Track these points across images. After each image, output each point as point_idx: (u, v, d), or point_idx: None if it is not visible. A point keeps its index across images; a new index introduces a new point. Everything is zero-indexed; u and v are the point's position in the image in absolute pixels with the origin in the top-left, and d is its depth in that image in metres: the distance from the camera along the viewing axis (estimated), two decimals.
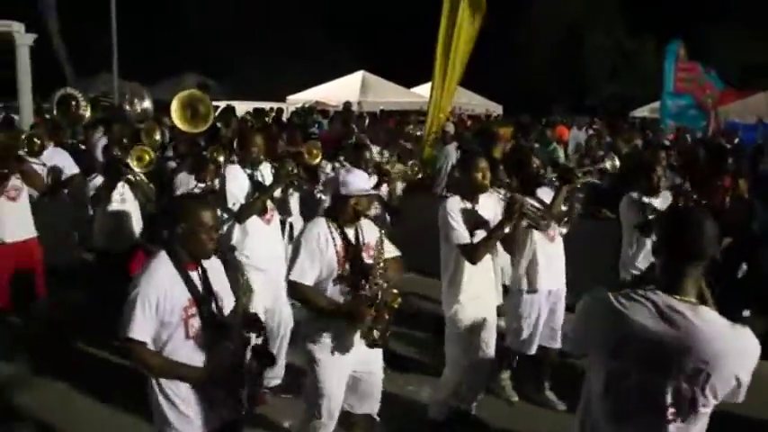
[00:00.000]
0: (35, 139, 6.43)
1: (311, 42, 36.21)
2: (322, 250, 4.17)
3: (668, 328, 2.47)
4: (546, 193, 5.70)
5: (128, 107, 8.20)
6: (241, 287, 3.67)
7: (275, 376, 5.85)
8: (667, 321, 2.48)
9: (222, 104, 15.08)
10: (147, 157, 6.61)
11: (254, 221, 5.69)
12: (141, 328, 3.33)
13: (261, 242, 5.61)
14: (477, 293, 5.10)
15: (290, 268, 4.25)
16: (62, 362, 6.42)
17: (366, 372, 4.36)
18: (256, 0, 37.27)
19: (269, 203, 5.83)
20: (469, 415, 5.40)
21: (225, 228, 5.64)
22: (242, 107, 16.83)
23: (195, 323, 3.43)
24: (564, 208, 5.71)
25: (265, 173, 5.91)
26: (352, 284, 4.16)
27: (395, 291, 4.10)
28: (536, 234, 5.52)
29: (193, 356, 3.44)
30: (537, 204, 5.42)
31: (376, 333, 4.06)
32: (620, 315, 2.55)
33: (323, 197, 6.84)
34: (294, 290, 4.30)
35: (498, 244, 5.17)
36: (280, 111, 18.11)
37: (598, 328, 2.67)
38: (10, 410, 5.48)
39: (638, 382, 2.51)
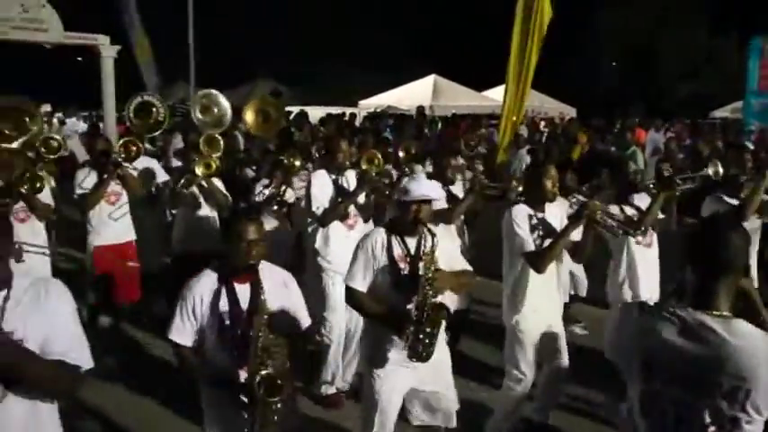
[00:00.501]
0: (131, 146, 6.68)
1: (383, 47, 36.41)
2: (377, 257, 4.14)
3: (698, 345, 2.36)
4: (642, 200, 5.56)
5: (199, 115, 8.36)
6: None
7: (333, 379, 5.87)
8: (697, 339, 2.37)
9: (295, 110, 15.31)
10: (213, 165, 6.74)
11: (336, 226, 5.77)
12: (180, 331, 3.53)
13: (343, 247, 5.59)
14: (540, 303, 4.97)
15: (347, 273, 4.26)
16: (141, 364, 6.63)
17: (433, 389, 4.29)
18: (329, 6, 37.71)
19: (352, 209, 5.87)
20: (547, 426, 5.29)
21: (309, 231, 5.74)
22: (315, 112, 17.04)
23: (233, 333, 3.52)
24: (661, 216, 5.55)
25: (350, 178, 5.96)
26: (405, 294, 4.09)
27: (440, 303, 3.97)
28: (632, 241, 5.38)
29: (228, 364, 3.54)
30: (615, 211, 5.28)
31: (418, 346, 3.97)
32: (648, 334, 2.46)
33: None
34: (348, 294, 4.30)
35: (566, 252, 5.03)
36: (352, 116, 18.23)
37: (627, 347, 2.59)
38: (88, 408, 5.66)
39: (672, 402, 2.41)
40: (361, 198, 5.99)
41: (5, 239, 2.59)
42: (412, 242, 4.17)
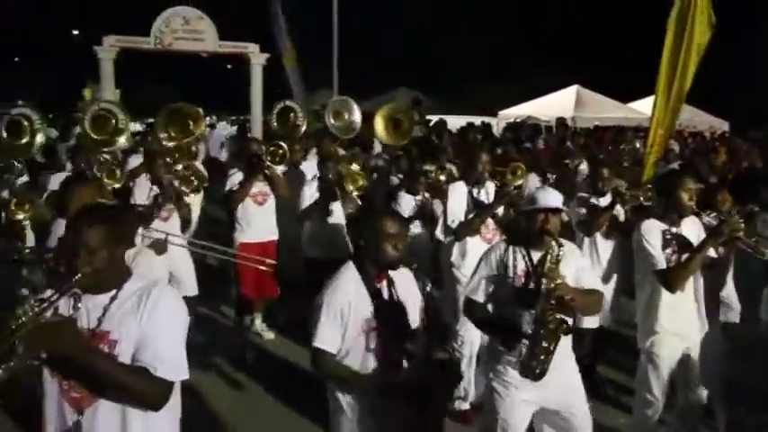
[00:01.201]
0: (278, 149, 6.92)
1: (525, 55, 35.89)
2: (499, 270, 4.02)
3: None
4: None
5: (332, 120, 8.50)
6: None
7: (466, 395, 5.77)
8: None
9: (435, 118, 15.33)
10: (360, 182, 6.84)
11: (473, 240, 5.67)
12: (326, 338, 3.38)
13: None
14: (675, 325, 4.62)
15: (467, 285, 4.17)
16: (267, 367, 6.80)
17: (563, 413, 4.05)
18: (470, 14, 37.63)
19: (490, 222, 5.77)
20: None
21: (446, 243, 5.70)
22: (454, 121, 16.98)
23: (376, 335, 3.40)
24: None
25: (489, 191, 5.86)
26: (525, 309, 3.92)
27: (560, 318, 3.74)
28: None
29: (371, 368, 3.41)
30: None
31: (532, 362, 3.77)
32: (732, 356, 2.29)
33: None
34: (468, 307, 4.19)
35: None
36: (488, 126, 17.89)
37: (712, 370, 2.43)
38: (205, 408, 5.82)
39: (759, 430, 2.22)
40: (500, 210, 5.87)
41: (105, 246, 2.56)
42: (537, 255, 4.01)
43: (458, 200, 5.72)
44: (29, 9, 35.30)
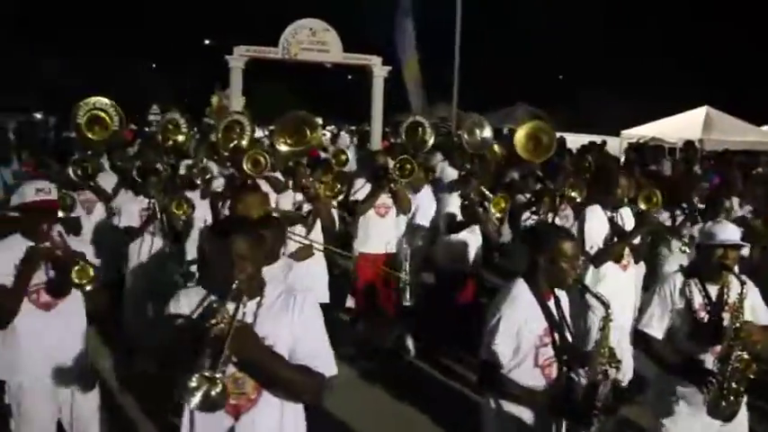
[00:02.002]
0: (406, 164, 6.98)
1: (650, 73, 34.67)
2: (675, 303, 3.94)
3: None
4: None
5: (466, 136, 8.51)
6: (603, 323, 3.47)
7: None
8: None
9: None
10: (503, 204, 6.83)
11: (609, 267, 5.48)
12: (501, 353, 3.39)
13: (615, 288, 5.19)
14: None
15: (639, 317, 4.08)
16: (384, 375, 6.79)
17: None
18: (591, 29, 36.77)
19: (626, 250, 5.55)
20: None
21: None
22: (573, 140, 16.59)
23: (546, 352, 3.43)
24: None
25: (625, 216, 5.66)
26: (703, 345, 3.83)
27: (749, 358, 3.63)
28: None
29: (538, 383, 3.43)
30: None
31: (721, 403, 3.65)
32: None
33: None
34: (641, 340, 4.11)
35: None
36: (601, 145, 17.07)
37: None
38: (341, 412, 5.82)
39: None
40: (637, 239, 5.65)
41: (259, 253, 2.73)
42: (713, 289, 3.94)
43: (597, 224, 5.50)
44: (165, 18, 37.31)
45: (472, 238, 6.99)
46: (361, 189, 7.12)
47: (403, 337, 7.27)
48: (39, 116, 19.33)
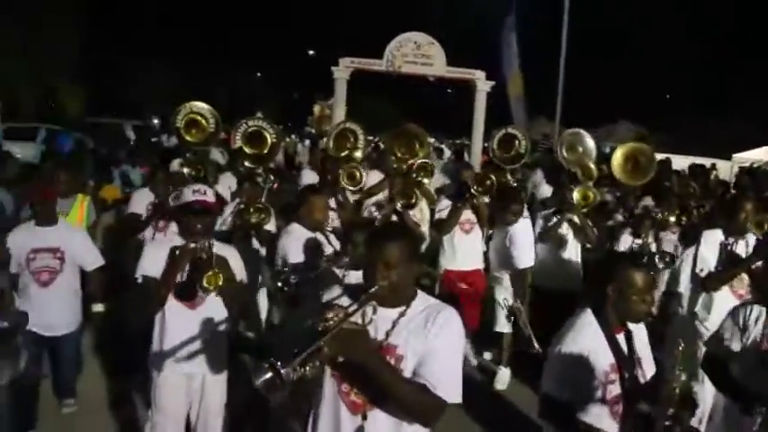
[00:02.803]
0: (486, 179, 6.96)
1: (763, 95, 33.11)
2: (748, 329, 3.78)
3: None
4: None
5: (565, 152, 8.36)
6: (678, 357, 3.25)
7: None
8: None
9: (660, 157, 14.57)
10: (591, 195, 6.76)
11: (723, 294, 5.28)
12: (557, 385, 3.24)
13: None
14: None
15: (708, 339, 4.02)
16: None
17: None
18: (701, 48, 35.46)
19: (744, 277, 5.29)
20: None
21: (684, 290, 5.37)
22: (680, 162, 16.05)
23: (613, 389, 3.21)
24: None
25: (752, 244, 5.41)
26: None
27: None
28: None
29: (605, 421, 3.20)
30: None
31: None
32: None
33: None
34: (706, 364, 4.03)
35: None
36: (710, 169, 16.26)
37: None
38: None
39: None
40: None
41: (408, 264, 2.65)
42: None
43: (710, 248, 5.31)
44: (271, 28, 38.46)
45: (572, 256, 6.88)
46: (447, 207, 7.05)
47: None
48: (156, 121, 20.35)
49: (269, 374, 2.20)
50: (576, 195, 6.74)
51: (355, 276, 4.38)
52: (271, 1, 39.27)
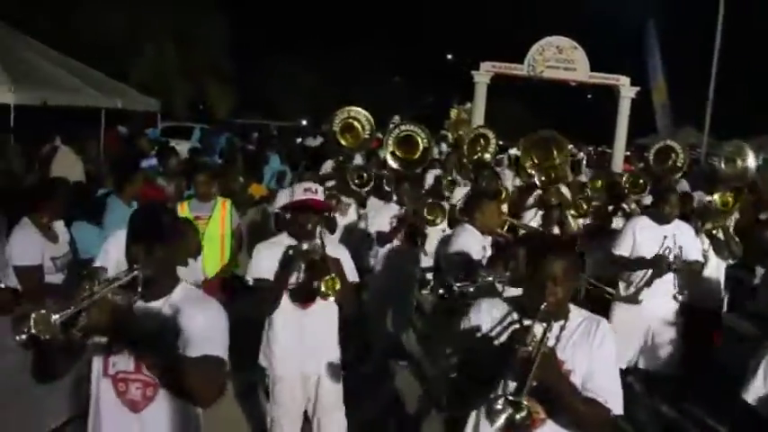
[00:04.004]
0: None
1: None
2: None
3: None
4: None
5: (723, 165, 7.99)
6: None
7: None
8: None
9: None
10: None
11: None
12: (757, 395, 3.09)
13: None
14: None
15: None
16: None
17: None
18: None
19: None
20: None
21: None
22: None
23: None
24: None
25: None
26: None
27: None
28: None
29: None
30: None
31: None
32: None
33: None
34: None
35: None
36: None
37: None
38: None
39: None
40: None
41: (573, 278, 2.62)
42: None
43: None
44: (410, 34, 38.93)
45: (712, 272, 6.53)
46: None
47: None
48: (304, 123, 21.16)
49: (508, 411, 2.26)
50: (716, 199, 6.28)
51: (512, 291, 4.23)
52: (410, 5, 39.73)
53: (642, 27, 18.75)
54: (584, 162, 17.19)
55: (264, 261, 3.87)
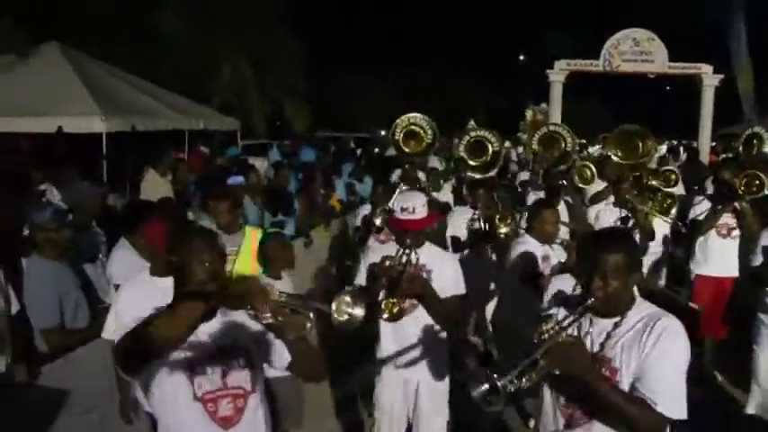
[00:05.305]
0: (754, 179, 6.47)
1: None
2: None
3: None
4: None
5: None
6: None
7: None
8: None
9: None
10: None
11: None
12: None
13: None
14: None
15: None
16: None
17: None
18: None
19: None
20: None
21: None
22: None
23: None
24: None
25: None
26: None
27: None
28: None
29: None
30: None
31: None
32: None
33: None
34: None
35: None
36: None
37: None
38: None
39: None
40: None
41: (628, 272, 2.53)
42: None
43: None
44: (484, 36, 38.75)
45: None
46: (699, 206, 6.72)
47: None
48: (383, 133, 21.35)
49: (485, 386, 2.22)
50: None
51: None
52: (480, 7, 39.60)
53: (725, 11, 18.07)
54: (668, 156, 16.68)
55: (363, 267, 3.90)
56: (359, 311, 2.42)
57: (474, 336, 6.59)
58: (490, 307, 6.15)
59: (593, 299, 2.46)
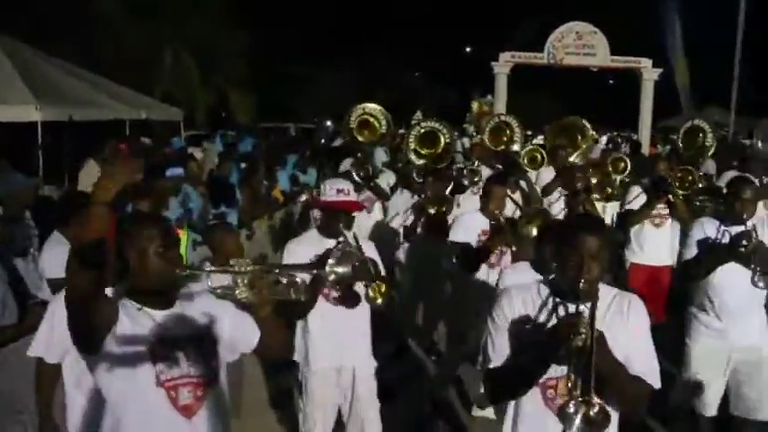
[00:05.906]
0: (687, 175, 6.65)
1: None
2: None
3: None
4: None
5: (760, 144, 7.87)
6: None
7: None
8: None
9: None
10: None
11: None
12: None
13: None
14: None
15: None
16: None
17: None
18: None
19: None
20: None
21: None
22: None
23: None
24: None
25: None
26: None
27: None
28: None
29: None
30: None
31: None
32: None
33: None
34: None
35: None
36: None
37: None
38: None
39: None
40: None
41: (607, 255, 2.57)
42: None
43: None
44: (429, 28, 38.79)
45: None
46: (636, 198, 6.82)
47: None
48: (329, 123, 21.13)
49: (582, 411, 2.21)
50: None
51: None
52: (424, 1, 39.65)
53: (660, 6, 18.49)
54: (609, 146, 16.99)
55: (298, 259, 3.74)
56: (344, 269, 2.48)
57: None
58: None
59: (583, 282, 2.44)
